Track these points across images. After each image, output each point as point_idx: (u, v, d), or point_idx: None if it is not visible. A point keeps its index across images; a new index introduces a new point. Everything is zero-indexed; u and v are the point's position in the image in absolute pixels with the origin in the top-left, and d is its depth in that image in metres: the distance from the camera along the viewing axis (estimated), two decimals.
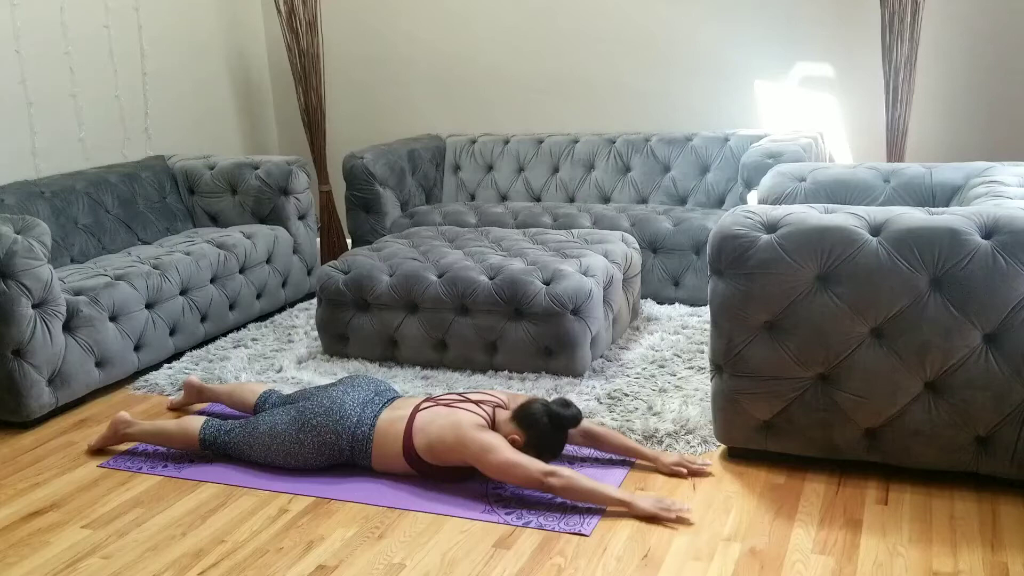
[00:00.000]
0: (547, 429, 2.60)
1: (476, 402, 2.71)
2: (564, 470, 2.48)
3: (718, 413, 2.70)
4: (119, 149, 4.72)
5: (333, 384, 2.91)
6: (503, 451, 2.51)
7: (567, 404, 2.64)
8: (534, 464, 2.49)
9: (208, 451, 2.87)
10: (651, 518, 2.42)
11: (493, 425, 2.65)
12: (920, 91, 4.38)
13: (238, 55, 5.51)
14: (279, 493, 2.68)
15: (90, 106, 4.53)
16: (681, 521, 2.42)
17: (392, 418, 2.72)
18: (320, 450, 2.71)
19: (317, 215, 5.31)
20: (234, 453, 2.84)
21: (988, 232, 2.35)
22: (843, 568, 2.19)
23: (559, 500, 2.54)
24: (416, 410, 2.70)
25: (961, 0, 4.31)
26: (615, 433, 2.80)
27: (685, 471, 2.67)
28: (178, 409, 3.34)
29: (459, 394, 2.77)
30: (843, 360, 2.48)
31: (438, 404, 2.71)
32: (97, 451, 3.01)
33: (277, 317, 4.37)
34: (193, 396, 3.30)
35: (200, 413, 3.28)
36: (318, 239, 4.97)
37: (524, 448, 2.57)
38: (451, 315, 3.51)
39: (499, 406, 2.73)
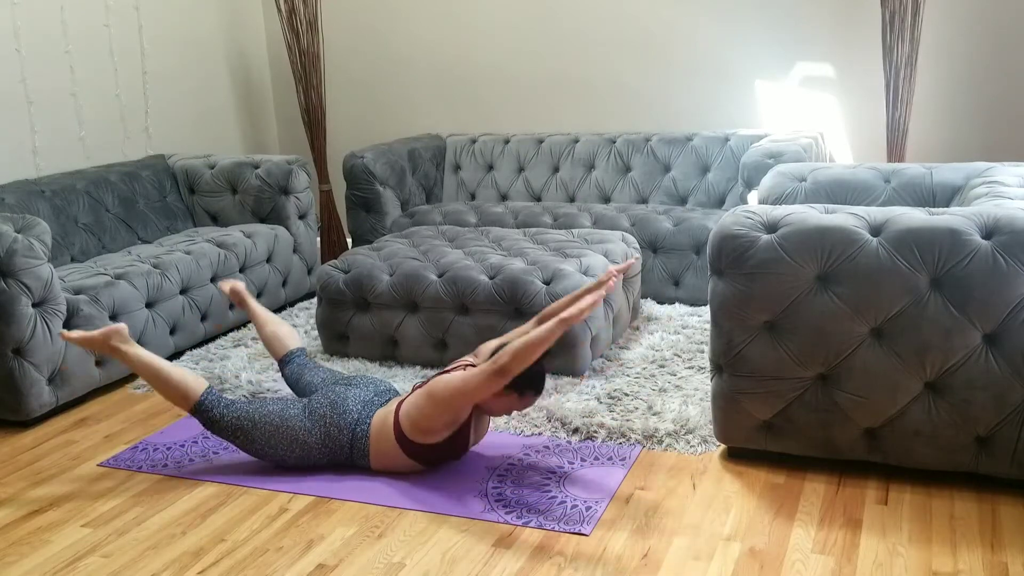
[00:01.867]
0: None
1: (448, 370, 2.75)
2: (502, 352, 2.52)
3: (718, 413, 2.70)
4: (119, 148, 4.72)
5: (340, 379, 2.91)
6: (455, 376, 2.58)
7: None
8: (483, 365, 2.55)
9: (200, 417, 2.73)
10: (595, 302, 2.49)
11: None
12: (920, 91, 4.38)
13: (239, 54, 5.51)
14: (279, 492, 2.68)
15: (90, 105, 4.53)
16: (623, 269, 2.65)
17: (384, 413, 2.74)
18: (325, 443, 2.71)
19: (317, 214, 5.32)
20: (231, 430, 2.71)
21: (988, 232, 2.35)
22: (843, 568, 2.19)
23: (559, 500, 2.54)
24: (402, 401, 2.73)
25: (961, 0, 4.31)
26: (556, 302, 2.88)
27: (612, 272, 2.73)
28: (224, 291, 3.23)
29: (437, 373, 2.81)
30: (843, 360, 2.48)
31: (419, 388, 2.73)
32: (75, 341, 2.81)
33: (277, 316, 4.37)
34: (237, 299, 3.21)
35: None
36: (318, 238, 4.97)
37: (506, 391, 2.61)
38: (451, 315, 3.51)
39: (469, 364, 2.76)
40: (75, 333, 2.84)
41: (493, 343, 2.85)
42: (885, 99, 4.26)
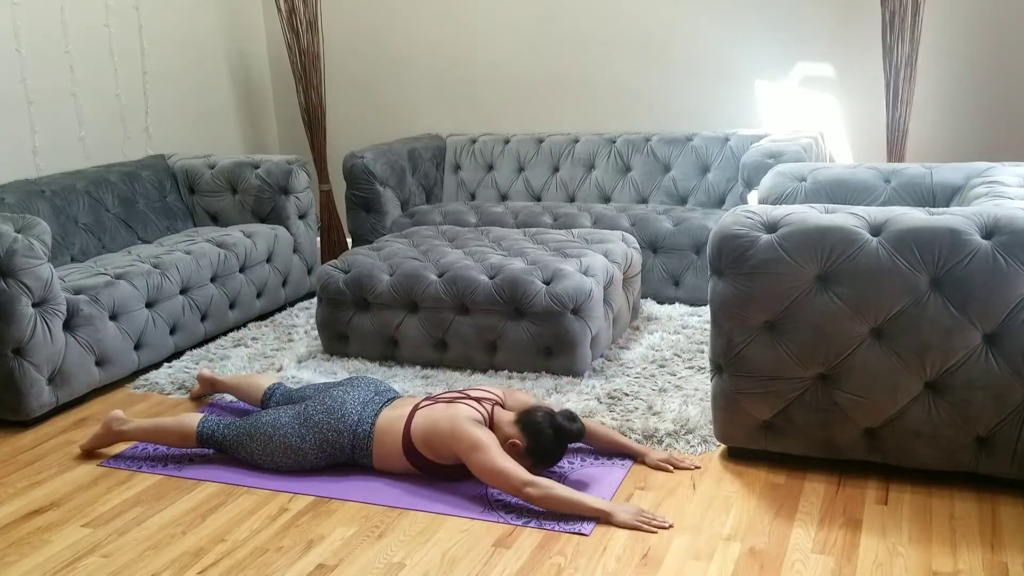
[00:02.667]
0: (549, 440, 2.59)
1: (475, 399, 2.71)
2: (543, 480, 2.47)
3: (718, 413, 2.70)
4: (119, 148, 4.72)
5: (334, 384, 2.91)
6: (491, 452, 2.51)
7: (573, 418, 2.64)
8: (517, 472, 2.47)
9: (205, 446, 2.86)
10: (631, 529, 2.40)
11: (491, 423, 2.65)
12: (920, 91, 4.38)
13: (238, 54, 5.51)
14: (279, 492, 2.68)
15: (90, 105, 4.53)
16: (661, 528, 2.41)
17: (392, 416, 2.72)
18: (321, 447, 2.71)
19: (317, 214, 5.31)
20: (231, 448, 2.82)
21: (988, 232, 2.35)
22: (843, 568, 2.19)
23: None
24: (416, 408, 2.71)
25: (961, 0, 4.31)
26: (605, 429, 2.81)
27: (671, 468, 2.69)
28: (198, 399, 3.39)
29: (459, 391, 2.78)
30: (843, 360, 2.48)
31: (438, 402, 2.72)
32: (89, 453, 2.99)
33: (277, 316, 4.38)
34: (207, 386, 3.35)
35: (206, 408, 3.28)
36: (318, 238, 4.97)
37: (523, 453, 2.57)
38: (451, 314, 3.51)
39: (498, 403, 2.74)
40: (86, 441, 3.00)
41: (527, 399, 2.80)
42: (885, 99, 4.26)
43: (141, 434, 2.95)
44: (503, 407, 2.74)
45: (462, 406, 2.64)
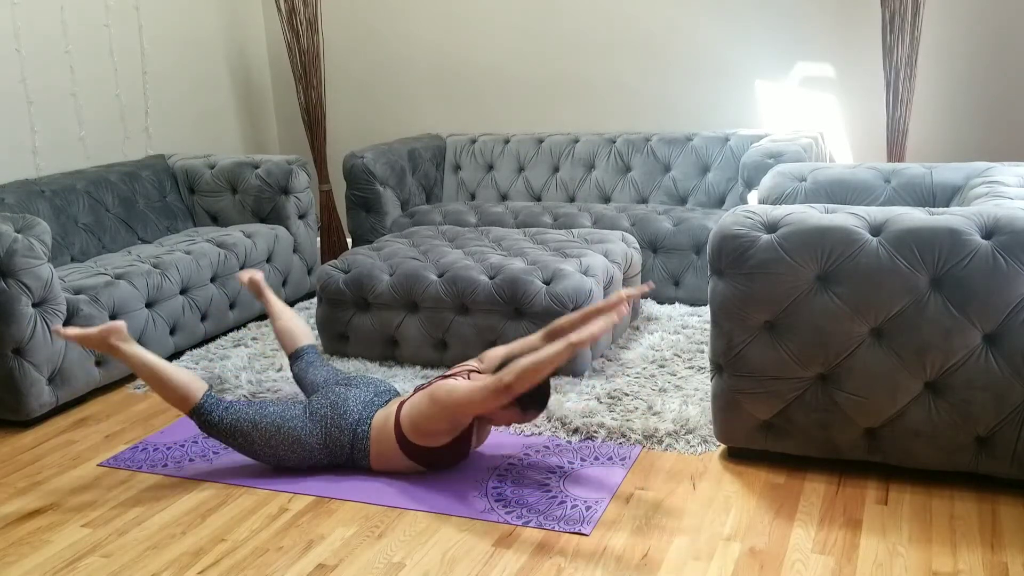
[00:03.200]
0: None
1: (451, 374, 2.75)
2: (507, 368, 2.51)
3: (718, 413, 2.70)
4: (119, 148, 4.72)
5: (341, 379, 2.91)
6: (459, 385, 2.57)
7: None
8: (482, 383, 2.53)
9: (198, 419, 2.71)
10: (603, 327, 2.47)
11: None
12: (920, 91, 4.38)
13: (238, 54, 5.51)
14: (279, 492, 2.68)
15: (90, 105, 4.53)
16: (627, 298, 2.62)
17: (384, 415, 2.74)
18: (325, 444, 2.71)
19: (317, 214, 5.32)
20: (230, 432, 2.70)
21: (988, 232, 2.35)
22: (843, 568, 2.19)
23: (559, 500, 2.54)
24: (403, 402, 2.72)
25: (961, 0, 4.31)
26: (565, 317, 2.85)
27: (623, 296, 2.74)
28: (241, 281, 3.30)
29: (439, 376, 2.81)
30: (843, 360, 2.48)
31: (421, 389, 2.73)
32: (71, 338, 2.76)
33: None
34: (255, 290, 3.28)
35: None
36: (318, 238, 4.97)
37: (511, 405, 2.60)
38: (451, 314, 3.51)
39: (473, 370, 2.76)
40: (71, 330, 2.79)
41: (500, 351, 2.83)
42: (885, 99, 4.26)
43: (137, 363, 2.72)
44: (479, 372, 2.74)
45: (438, 381, 2.68)
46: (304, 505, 2.61)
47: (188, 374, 2.75)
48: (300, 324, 3.18)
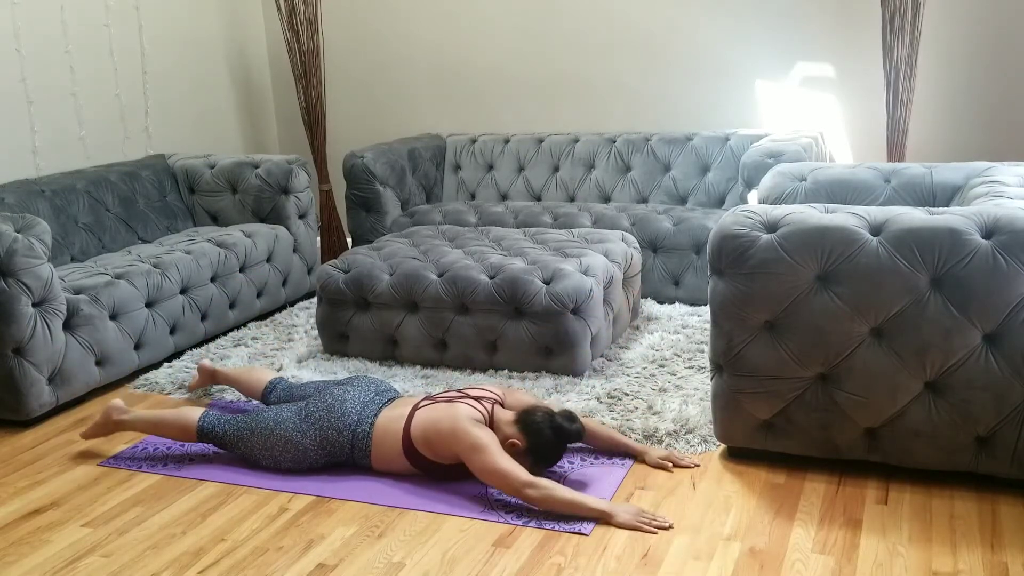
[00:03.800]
0: (549, 440, 2.59)
1: (475, 398, 2.71)
2: (543, 481, 2.46)
3: (718, 412, 2.70)
4: (119, 148, 4.72)
5: (335, 382, 2.91)
6: (492, 453, 2.50)
7: (572, 419, 2.64)
8: (517, 472, 2.47)
9: (205, 441, 2.86)
10: (631, 529, 2.40)
11: (491, 422, 2.65)
12: (920, 91, 4.38)
13: (239, 54, 5.51)
14: (279, 492, 2.68)
15: (90, 105, 4.53)
16: (661, 529, 2.40)
17: (392, 416, 2.72)
18: (321, 445, 2.71)
19: (317, 214, 5.31)
20: (231, 444, 2.81)
21: (988, 232, 2.35)
22: (843, 568, 2.19)
23: None
24: (415, 408, 2.71)
25: (961, 0, 4.31)
26: (604, 428, 2.81)
27: (671, 467, 2.69)
28: (196, 391, 3.41)
29: (458, 391, 2.78)
30: (843, 360, 2.48)
31: (437, 401, 2.71)
32: (90, 437, 2.99)
33: (277, 316, 4.38)
34: (207, 378, 3.36)
35: (209, 406, 3.27)
36: (318, 238, 4.97)
37: (522, 453, 2.57)
38: (451, 314, 3.51)
39: (497, 402, 2.74)
40: (87, 429, 3.00)
41: (527, 398, 2.80)
42: (885, 99, 4.26)
43: (141, 424, 2.93)
44: (503, 406, 2.74)
45: (462, 406, 2.64)
46: (304, 505, 2.61)
47: (183, 409, 2.92)
48: (256, 370, 3.25)
